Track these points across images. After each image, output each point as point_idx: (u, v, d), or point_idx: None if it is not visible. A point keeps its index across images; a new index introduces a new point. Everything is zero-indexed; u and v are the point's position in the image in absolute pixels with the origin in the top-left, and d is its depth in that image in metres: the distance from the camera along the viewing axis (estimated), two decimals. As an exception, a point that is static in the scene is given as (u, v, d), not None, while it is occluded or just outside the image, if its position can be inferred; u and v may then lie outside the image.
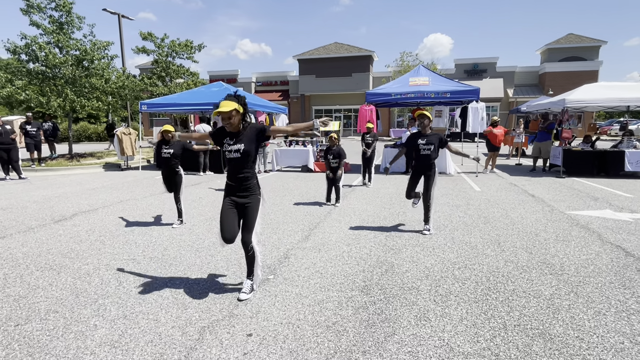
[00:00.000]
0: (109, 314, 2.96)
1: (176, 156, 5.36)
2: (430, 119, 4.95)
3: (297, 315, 2.92)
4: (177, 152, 5.36)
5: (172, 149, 5.33)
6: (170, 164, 5.35)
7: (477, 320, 2.82)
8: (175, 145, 5.36)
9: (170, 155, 5.32)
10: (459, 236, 4.89)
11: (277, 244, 4.63)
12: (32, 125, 12.62)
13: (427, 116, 4.90)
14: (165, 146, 5.35)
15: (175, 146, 5.36)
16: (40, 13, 13.95)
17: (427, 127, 4.92)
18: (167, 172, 5.41)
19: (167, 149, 5.34)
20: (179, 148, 5.39)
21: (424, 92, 10.57)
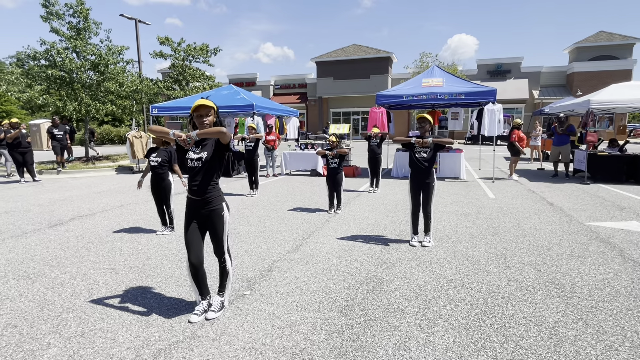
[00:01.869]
0: (67, 331, 2.79)
1: (164, 164, 5.13)
2: (431, 122, 4.60)
3: (264, 339, 2.65)
4: (164, 160, 5.14)
5: (160, 157, 5.12)
6: (158, 172, 5.13)
7: (464, 351, 2.47)
8: (163, 153, 5.14)
9: (157, 163, 5.10)
10: (461, 249, 4.51)
11: (264, 255, 4.39)
12: (59, 128, 12.58)
13: (428, 120, 4.55)
14: (153, 153, 5.15)
15: (163, 153, 5.14)
16: (59, 20, 14.34)
17: (427, 131, 4.57)
18: (154, 180, 5.18)
19: (155, 156, 5.13)
20: (166, 155, 5.15)
21: (437, 93, 10.12)
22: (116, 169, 13.13)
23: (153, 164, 5.11)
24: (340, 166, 6.33)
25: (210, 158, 2.78)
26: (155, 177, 5.16)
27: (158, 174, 5.14)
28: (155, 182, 5.19)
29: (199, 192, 2.80)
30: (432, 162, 4.51)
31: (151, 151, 5.20)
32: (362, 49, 34.76)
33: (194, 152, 2.81)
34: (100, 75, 14.61)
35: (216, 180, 2.87)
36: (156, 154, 5.14)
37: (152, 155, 5.15)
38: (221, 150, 2.80)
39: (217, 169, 2.84)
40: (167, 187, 5.21)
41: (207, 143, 2.82)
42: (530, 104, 30.96)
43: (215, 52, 20.76)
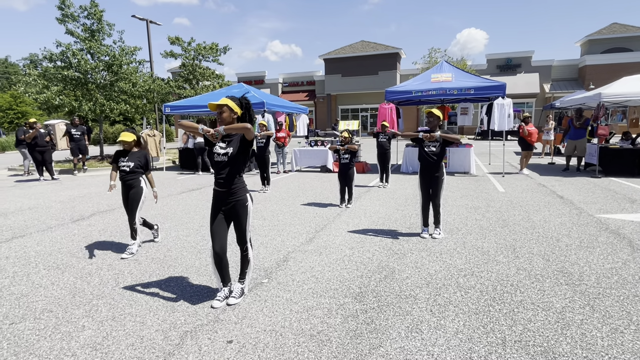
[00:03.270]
0: (99, 315, 2.98)
1: (137, 169, 4.35)
2: (440, 117, 4.69)
3: (283, 322, 2.81)
4: (137, 164, 4.35)
5: (132, 162, 4.33)
6: (129, 179, 4.33)
7: (474, 334, 2.60)
8: (135, 157, 4.38)
9: (129, 169, 4.30)
10: (471, 241, 4.61)
11: (279, 246, 4.55)
12: (77, 129, 12.40)
13: (436, 115, 4.65)
14: (123, 158, 4.36)
15: (136, 157, 4.37)
16: (74, 22, 14.67)
17: (435, 126, 4.67)
18: (124, 188, 4.39)
19: (126, 161, 4.33)
20: (140, 159, 4.38)
21: (447, 88, 10.16)
22: (131, 167, 13.42)
23: (124, 169, 4.32)
24: (352, 162, 6.46)
25: (236, 153, 2.94)
26: (125, 184, 4.36)
27: (128, 180, 4.34)
28: (125, 190, 4.39)
29: (225, 185, 2.97)
30: (441, 156, 4.61)
31: (120, 155, 4.40)
32: (370, 46, 34.71)
33: (220, 147, 2.97)
34: (114, 75, 14.93)
35: (241, 173, 3.03)
36: (127, 158, 4.34)
37: (122, 159, 4.35)
38: (246, 145, 2.96)
39: (241, 163, 3.00)
40: (136, 196, 4.36)
41: (232, 139, 2.98)
42: (541, 98, 30.62)
43: (224, 51, 20.99)
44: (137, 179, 4.37)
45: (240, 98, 3.06)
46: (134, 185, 4.36)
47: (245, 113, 3.04)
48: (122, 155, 4.39)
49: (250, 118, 3.06)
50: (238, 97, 3.06)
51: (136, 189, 4.37)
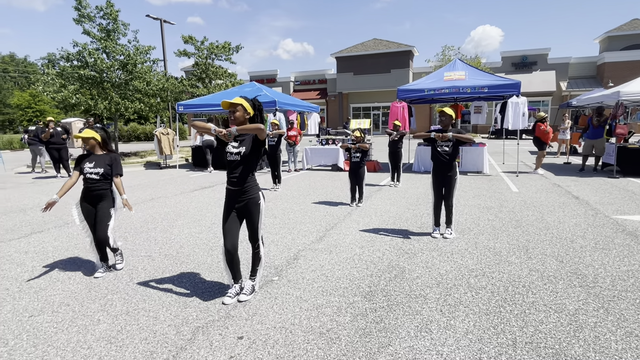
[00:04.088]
0: (114, 309, 3.06)
1: (107, 176, 3.60)
2: (452, 117, 4.65)
3: (293, 319, 2.84)
4: (107, 172, 3.59)
5: (100, 167, 3.57)
6: (97, 188, 3.57)
7: (484, 334, 2.58)
8: (103, 161, 3.60)
9: (98, 175, 3.56)
10: (483, 241, 4.56)
11: (290, 245, 4.58)
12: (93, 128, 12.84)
13: (449, 114, 4.61)
14: (89, 162, 3.58)
15: (104, 161, 3.60)
16: (90, 22, 14.96)
17: (448, 125, 4.63)
18: (90, 199, 3.62)
19: (93, 166, 3.56)
20: (109, 163, 3.63)
21: (460, 87, 10.04)
22: (144, 164, 13.66)
23: (91, 176, 3.56)
24: (363, 160, 6.45)
25: (249, 152, 2.97)
26: (92, 194, 3.59)
27: (97, 190, 3.59)
28: (91, 201, 3.61)
29: (238, 183, 3.01)
30: (454, 155, 4.58)
31: (83, 159, 3.64)
32: (383, 43, 34.50)
33: (233, 147, 3.01)
34: (129, 74, 15.19)
35: (253, 172, 3.06)
36: (93, 163, 3.58)
37: (88, 164, 3.58)
38: (258, 145, 2.99)
39: (254, 162, 3.04)
40: (106, 209, 3.64)
41: (245, 138, 3.02)
42: (557, 96, 30.01)
43: (237, 50, 21.12)
44: (108, 189, 3.66)
45: (252, 99, 3.09)
46: (103, 196, 3.63)
47: (257, 114, 3.07)
48: (86, 159, 3.62)
49: (261, 120, 3.09)
50: (251, 98, 3.09)
51: (106, 200, 3.64)
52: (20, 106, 44.07)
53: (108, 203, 3.68)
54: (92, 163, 3.60)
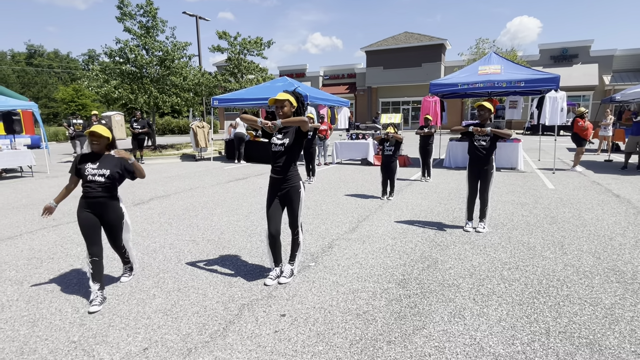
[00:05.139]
0: (166, 286, 3.35)
1: (114, 179, 3.03)
2: (491, 111, 4.65)
3: (330, 301, 3.02)
4: (115, 173, 3.02)
5: (107, 168, 2.99)
6: (102, 195, 2.99)
7: (517, 323, 2.66)
8: (110, 163, 3.03)
9: (105, 178, 2.98)
10: (516, 236, 4.57)
11: (324, 234, 4.76)
12: (139, 122, 12.84)
13: (488, 108, 4.61)
14: (92, 163, 3.00)
15: (112, 163, 3.03)
16: (131, 20, 15.68)
17: (486, 119, 4.64)
18: (94, 207, 3.00)
19: (97, 168, 2.98)
20: (118, 166, 3.05)
21: (495, 81, 9.84)
22: (180, 156, 14.25)
23: (95, 179, 2.96)
24: (395, 154, 6.52)
25: (292, 143, 3.17)
26: (96, 203, 2.99)
27: (101, 198, 3.00)
28: (94, 212, 3.01)
29: (281, 172, 3.21)
30: (491, 150, 4.59)
31: (86, 159, 3.03)
32: (414, 37, 33.91)
33: (277, 138, 3.21)
34: (166, 69, 15.83)
35: (295, 162, 3.26)
36: (98, 164, 2.99)
37: (91, 165, 2.99)
38: (301, 136, 3.17)
39: (296, 153, 3.23)
40: (117, 221, 3.15)
41: (288, 130, 3.21)
42: (599, 90, 28.53)
43: (268, 45, 21.47)
44: (114, 196, 3.11)
45: (294, 92, 3.27)
46: (108, 205, 3.04)
47: (300, 106, 3.25)
48: (89, 161, 3.01)
49: (303, 111, 3.27)
50: (291, 91, 3.27)
51: (114, 211, 3.10)
52: (64, 100, 46.59)
53: (116, 213, 3.11)
54: (95, 164, 2.99)
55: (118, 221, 3.17)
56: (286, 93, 3.20)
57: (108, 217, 3.09)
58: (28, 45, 56.45)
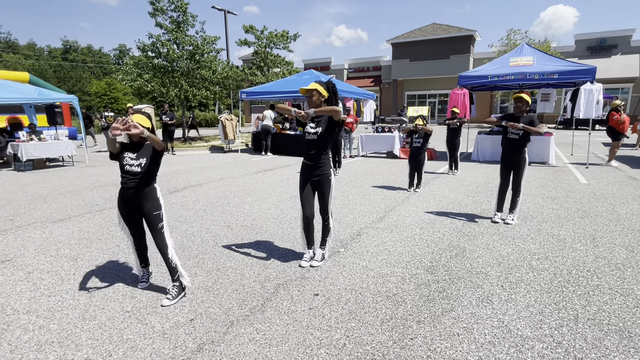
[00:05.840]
0: (206, 266, 3.58)
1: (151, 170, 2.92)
2: (529, 103, 4.63)
3: (361, 284, 3.17)
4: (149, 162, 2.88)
5: (143, 157, 2.88)
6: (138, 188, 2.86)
7: (545, 309, 2.72)
8: (148, 151, 2.90)
9: (141, 167, 2.86)
10: (546, 228, 4.56)
11: (352, 223, 4.90)
12: (167, 115, 13.26)
13: (525, 100, 4.58)
14: (131, 153, 2.88)
15: (147, 153, 2.90)
16: (163, 15, 16.16)
17: (523, 111, 4.62)
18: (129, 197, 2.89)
19: (135, 159, 2.86)
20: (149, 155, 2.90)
21: (527, 73, 9.61)
22: (209, 148, 14.68)
23: (131, 169, 2.86)
24: (424, 146, 6.56)
25: (324, 132, 3.31)
26: (134, 192, 2.87)
27: (139, 188, 2.87)
28: (131, 202, 2.92)
29: (313, 159, 3.37)
30: (523, 142, 4.58)
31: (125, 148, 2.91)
32: (442, 28, 33.20)
33: (311, 127, 3.36)
34: (196, 63, 16.26)
35: (327, 150, 3.40)
36: (136, 155, 2.88)
37: (130, 155, 2.88)
38: (333, 125, 3.31)
39: (329, 141, 3.37)
40: (155, 211, 2.93)
41: (321, 120, 3.35)
42: (640, 83, 27.11)
43: (294, 38, 21.62)
44: (151, 186, 2.95)
45: (327, 82, 3.40)
46: (148, 195, 2.91)
47: (332, 96, 3.38)
48: (128, 150, 2.90)
49: (336, 101, 3.40)
50: (325, 82, 3.41)
51: (152, 201, 2.93)
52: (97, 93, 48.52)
53: (154, 203, 2.93)
54: (134, 154, 2.87)
55: (156, 212, 2.93)
56: (317, 83, 3.33)
57: (145, 207, 2.90)
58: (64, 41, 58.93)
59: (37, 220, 5.19)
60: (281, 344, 2.37)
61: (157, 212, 2.95)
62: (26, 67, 45.41)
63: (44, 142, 10.35)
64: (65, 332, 2.53)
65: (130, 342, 2.42)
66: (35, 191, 7.12)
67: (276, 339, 2.42)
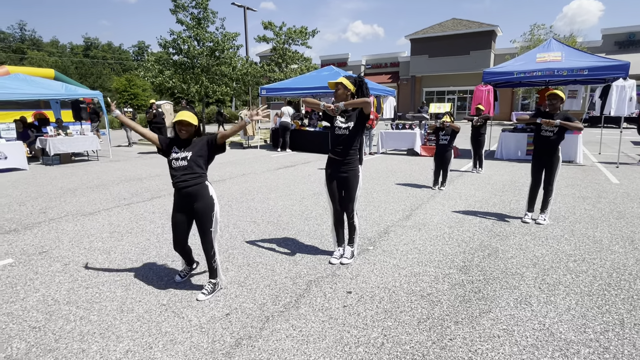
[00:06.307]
0: (236, 261, 3.61)
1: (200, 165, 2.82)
2: (563, 100, 4.49)
3: (393, 282, 3.13)
4: (199, 157, 2.81)
5: (192, 151, 2.79)
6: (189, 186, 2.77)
7: (587, 312, 2.64)
8: (197, 146, 2.82)
9: (187, 162, 2.77)
10: (580, 229, 4.42)
11: (378, 220, 4.86)
12: None
13: (560, 97, 4.44)
14: (182, 149, 2.80)
15: (197, 147, 2.81)
16: (184, 11, 16.33)
17: (558, 109, 4.48)
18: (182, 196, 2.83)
19: (182, 150, 2.79)
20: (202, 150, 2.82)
21: (554, 69, 9.33)
22: (229, 144, 14.81)
23: (180, 164, 2.79)
24: (451, 144, 6.45)
25: (354, 127, 3.27)
26: (185, 191, 2.78)
27: (190, 186, 2.78)
28: (184, 200, 2.83)
29: (342, 154, 3.33)
30: (558, 140, 4.45)
31: (174, 144, 2.85)
32: (462, 23, 32.56)
33: (340, 122, 3.32)
34: (216, 59, 16.39)
35: (357, 145, 3.36)
36: (183, 150, 2.80)
37: (176, 149, 2.82)
38: (363, 119, 3.27)
39: (358, 136, 3.33)
40: (207, 210, 2.82)
41: (351, 114, 3.32)
42: (670, 79, 26.04)
43: (313, 34, 21.56)
44: (202, 184, 2.82)
45: (356, 77, 3.36)
46: (199, 193, 2.79)
47: (359, 90, 3.33)
48: (176, 145, 2.84)
49: (364, 94, 3.34)
50: (353, 76, 3.36)
51: (204, 199, 2.81)
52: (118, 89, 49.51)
53: (206, 202, 2.81)
54: (181, 150, 2.81)
55: (208, 211, 2.81)
56: (343, 77, 3.29)
57: (197, 206, 2.79)
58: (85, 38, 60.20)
59: (68, 213, 5.32)
60: (318, 341, 2.36)
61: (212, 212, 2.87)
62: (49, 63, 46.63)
63: (70, 137, 10.62)
64: (105, 324, 2.58)
65: (169, 335, 2.45)
66: (64, 185, 7.31)
67: (313, 335, 2.42)
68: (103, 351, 2.29)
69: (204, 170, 2.87)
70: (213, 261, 2.95)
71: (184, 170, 2.80)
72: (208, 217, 2.85)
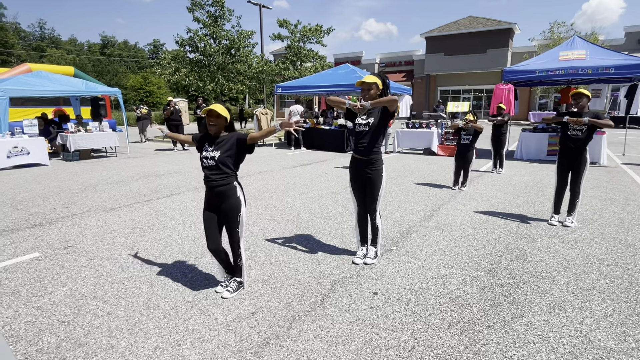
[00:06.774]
0: (259, 259, 3.59)
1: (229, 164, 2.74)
2: (589, 97, 4.35)
3: (420, 284, 3.07)
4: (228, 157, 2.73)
5: (219, 151, 2.71)
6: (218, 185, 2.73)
7: (626, 320, 2.53)
8: (227, 143, 2.73)
9: (214, 162, 2.71)
10: (610, 232, 4.28)
11: (399, 220, 4.79)
12: (202, 109, 13.35)
13: (586, 95, 4.30)
14: (212, 147, 2.74)
15: (226, 144, 2.72)
16: (200, 9, 16.44)
17: (584, 108, 4.34)
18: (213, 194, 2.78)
19: (212, 149, 2.73)
20: (232, 148, 2.73)
21: (579, 67, 9.08)
22: (244, 141, 14.85)
23: (207, 162, 2.74)
24: (473, 144, 6.33)
25: (377, 123, 3.21)
26: (215, 189, 2.75)
27: (218, 185, 2.73)
28: (213, 198, 2.79)
29: (365, 153, 3.27)
30: (586, 140, 4.31)
31: (204, 140, 2.82)
32: (479, 21, 32.05)
33: (362, 119, 3.26)
34: (232, 57, 16.46)
35: (380, 142, 3.29)
36: (212, 147, 2.74)
37: (207, 148, 2.78)
38: (387, 116, 3.20)
39: (382, 133, 3.26)
40: (234, 211, 2.78)
41: (373, 111, 3.25)
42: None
43: (328, 32, 21.49)
44: (230, 184, 2.76)
45: (382, 75, 3.29)
46: (226, 193, 2.75)
47: (385, 89, 3.27)
48: (207, 142, 2.80)
49: (388, 92, 3.29)
50: (379, 75, 3.30)
51: (230, 200, 2.77)
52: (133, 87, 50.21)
53: (233, 202, 2.76)
54: (210, 147, 2.74)
55: (234, 212, 2.77)
56: (374, 76, 3.23)
57: (223, 206, 2.77)
58: (102, 37, 61.21)
59: (90, 209, 5.38)
60: (347, 343, 2.31)
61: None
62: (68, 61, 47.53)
63: (90, 133, 10.78)
64: (132, 320, 2.59)
65: (196, 332, 2.44)
66: (85, 180, 7.42)
67: (341, 337, 2.37)
68: (132, 347, 2.29)
69: (232, 171, 2.80)
70: (239, 260, 2.93)
71: (212, 170, 2.76)
72: (234, 218, 2.82)
